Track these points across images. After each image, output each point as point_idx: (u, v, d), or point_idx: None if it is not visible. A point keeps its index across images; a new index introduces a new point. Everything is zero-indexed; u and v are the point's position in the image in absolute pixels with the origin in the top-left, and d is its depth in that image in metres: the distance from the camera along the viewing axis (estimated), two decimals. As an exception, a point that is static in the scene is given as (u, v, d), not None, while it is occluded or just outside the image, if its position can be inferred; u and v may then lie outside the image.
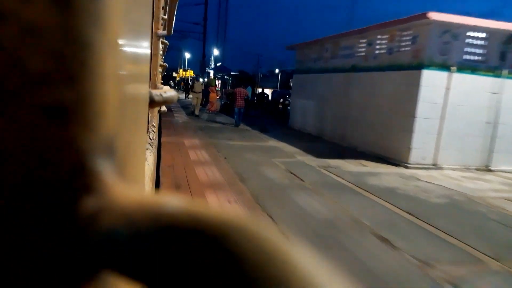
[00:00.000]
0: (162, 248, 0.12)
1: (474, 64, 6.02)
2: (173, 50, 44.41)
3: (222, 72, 28.61)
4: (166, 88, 1.27)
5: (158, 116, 1.95)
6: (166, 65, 2.79)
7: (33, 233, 0.13)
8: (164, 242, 0.12)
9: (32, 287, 0.14)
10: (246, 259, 0.10)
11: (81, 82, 0.14)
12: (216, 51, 35.70)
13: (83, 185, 0.14)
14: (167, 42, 2.37)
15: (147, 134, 1.13)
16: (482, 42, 6.03)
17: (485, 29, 5.92)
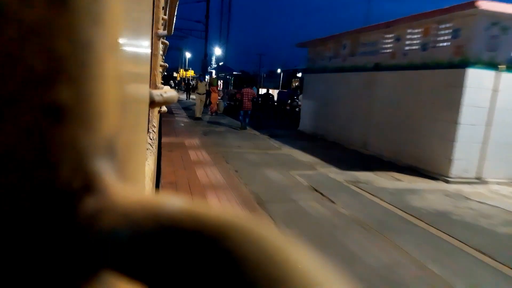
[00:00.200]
0: (162, 248, 0.12)
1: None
2: (173, 49, 43.65)
3: (224, 72, 27.72)
4: (166, 88, 1.20)
5: (158, 116, 1.88)
6: (167, 65, 2.69)
7: (33, 233, 0.13)
8: (164, 242, 0.12)
9: (32, 287, 0.13)
10: (246, 259, 0.10)
11: (81, 82, 0.14)
12: (217, 50, 34.85)
13: (84, 185, 0.14)
14: (167, 42, 2.30)
15: (147, 134, 1.13)
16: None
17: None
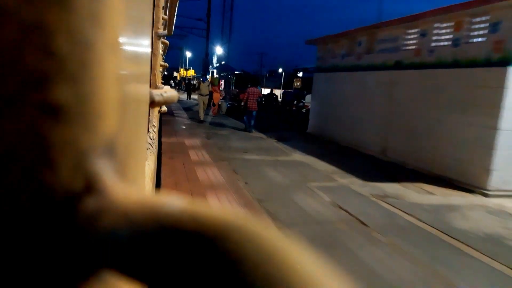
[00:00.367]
0: (162, 248, 0.12)
1: None
2: (174, 49, 43.18)
3: (226, 71, 27.07)
4: (166, 88, 1.17)
5: (158, 116, 1.85)
6: (167, 64, 2.65)
7: (33, 233, 0.13)
8: (164, 242, 0.12)
9: (33, 286, 0.13)
10: (246, 260, 0.10)
11: (81, 82, 0.14)
12: (219, 50, 34.20)
13: (84, 185, 0.14)
14: (168, 42, 2.30)
15: (148, 134, 1.11)
16: None
17: None
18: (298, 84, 30.22)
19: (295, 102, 14.04)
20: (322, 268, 0.11)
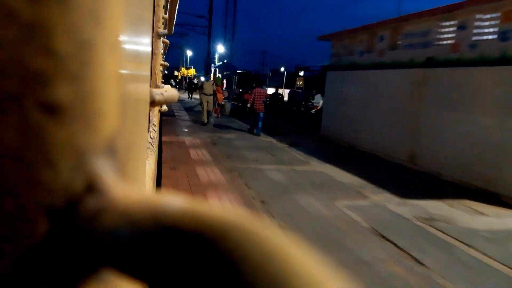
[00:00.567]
0: (163, 247, 0.12)
1: None
2: (174, 48, 42.52)
3: (228, 70, 26.29)
4: (167, 87, 1.15)
5: (158, 115, 1.82)
6: (167, 64, 2.63)
7: (34, 232, 0.13)
8: (165, 241, 0.12)
9: (33, 285, 0.13)
10: (247, 260, 0.10)
11: (82, 81, 0.14)
12: (220, 48, 33.43)
13: (84, 184, 0.14)
14: (168, 41, 2.25)
15: (148, 133, 1.10)
16: None
17: None
18: (301, 83, 29.46)
19: (303, 102, 13.27)
20: (323, 267, 0.11)
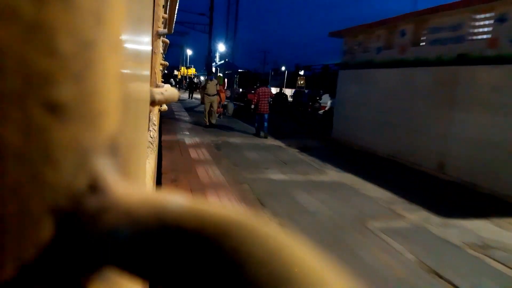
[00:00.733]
0: (165, 246, 0.12)
1: None
2: (174, 47, 41.94)
3: (230, 69, 25.64)
4: (167, 86, 1.15)
5: (158, 114, 1.82)
6: (167, 63, 2.61)
7: (38, 231, 0.13)
8: (167, 240, 0.12)
9: (35, 284, 0.13)
10: (250, 258, 0.10)
11: (84, 81, 0.14)
12: (221, 47, 32.78)
13: (86, 183, 0.14)
14: (168, 41, 2.24)
15: (148, 132, 1.10)
16: None
17: None
18: (302, 82, 28.77)
19: (310, 102, 12.57)
20: (326, 266, 0.11)
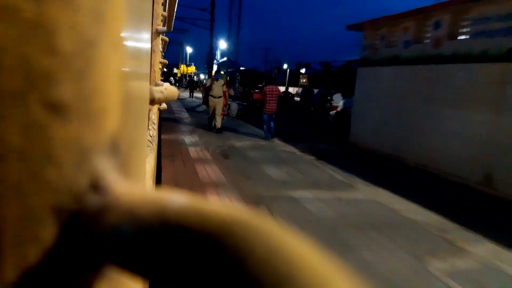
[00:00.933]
0: (167, 244, 0.12)
1: None
2: (174, 44, 41.12)
3: (232, 67, 24.79)
4: (166, 85, 1.15)
5: (158, 113, 1.82)
6: (166, 61, 2.60)
7: (40, 231, 0.13)
8: (168, 238, 0.12)
9: (37, 282, 0.13)
10: (252, 256, 0.10)
11: (85, 79, 0.14)
12: (222, 44, 31.94)
13: (88, 182, 0.14)
14: (167, 39, 2.24)
15: (148, 131, 1.10)
16: None
17: None
18: (304, 81, 27.95)
19: (322, 103, 11.75)
20: (328, 263, 0.11)
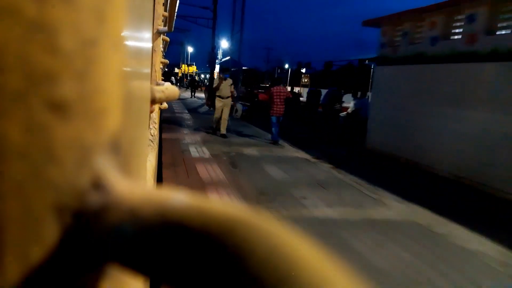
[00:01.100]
0: (168, 243, 0.12)
1: None
2: (175, 44, 40.65)
3: (234, 66, 24.24)
4: (167, 84, 1.15)
5: (159, 112, 1.83)
6: (167, 61, 2.58)
7: (42, 230, 0.13)
8: (170, 237, 0.12)
9: (39, 281, 0.13)
10: (253, 254, 0.10)
11: (86, 79, 0.14)
12: (224, 43, 31.38)
13: (89, 181, 0.14)
14: (168, 39, 2.22)
15: (149, 130, 1.09)
16: None
17: None
18: (306, 80, 27.30)
19: (333, 103, 11.14)
20: (329, 262, 0.11)
